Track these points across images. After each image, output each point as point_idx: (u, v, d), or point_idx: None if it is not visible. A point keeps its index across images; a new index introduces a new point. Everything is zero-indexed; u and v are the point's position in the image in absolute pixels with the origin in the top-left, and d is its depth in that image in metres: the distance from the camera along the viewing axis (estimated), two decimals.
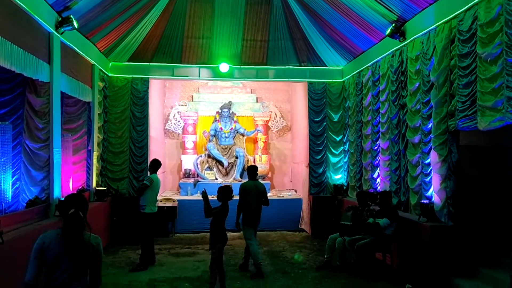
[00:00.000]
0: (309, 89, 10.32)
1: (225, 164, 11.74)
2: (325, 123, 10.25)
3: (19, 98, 6.54)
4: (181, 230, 10.00)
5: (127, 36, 8.96)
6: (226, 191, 5.94)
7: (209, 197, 5.86)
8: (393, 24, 6.97)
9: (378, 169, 8.13)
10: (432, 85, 6.09)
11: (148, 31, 9.14)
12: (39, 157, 6.54)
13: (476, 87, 5.09)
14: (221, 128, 12.02)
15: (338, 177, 10.23)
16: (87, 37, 7.85)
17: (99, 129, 8.88)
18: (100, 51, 8.78)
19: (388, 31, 6.99)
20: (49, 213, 6.24)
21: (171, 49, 9.77)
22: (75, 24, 6.42)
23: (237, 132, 12.21)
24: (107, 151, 9.45)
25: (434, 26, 6.05)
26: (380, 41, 7.92)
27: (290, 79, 10.64)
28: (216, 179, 11.65)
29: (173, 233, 9.88)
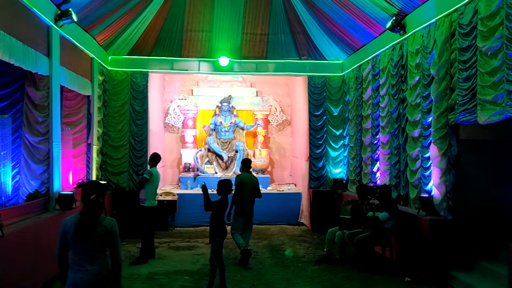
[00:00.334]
0: (309, 83, 10.30)
1: (225, 158, 11.76)
2: (325, 117, 10.24)
3: (19, 91, 6.50)
4: (181, 223, 10.03)
5: (126, 29, 8.92)
6: (226, 185, 5.96)
7: (209, 191, 5.87)
8: (394, 17, 6.94)
9: (377, 163, 8.13)
10: (432, 79, 6.08)
11: (147, 24, 9.10)
12: (39, 151, 6.52)
13: (476, 81, 5.08)
14: (221, 122, 12.01)
15: (337, 171, 10.24)
16: (86, 30, 7.82)
17: (99, 123, 8.87)
18: (99, 44, 8.76)
19: (388, 25, 6.97)
20: (49, 206, 6.25)
21: (171, 42, 9.72)
22: (74, 17, 6.40)
23: (237, 126, 12.21)
24: (107, 145, 9.44)
25: (434, 19, 6.03)
26: (380, 34, 7.89)
27: (290, 73, 10.64)
28: (216, 173, 11.67)
29: (173, 227, 9.91)
